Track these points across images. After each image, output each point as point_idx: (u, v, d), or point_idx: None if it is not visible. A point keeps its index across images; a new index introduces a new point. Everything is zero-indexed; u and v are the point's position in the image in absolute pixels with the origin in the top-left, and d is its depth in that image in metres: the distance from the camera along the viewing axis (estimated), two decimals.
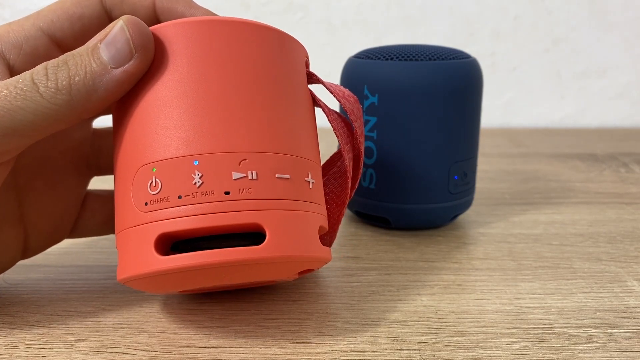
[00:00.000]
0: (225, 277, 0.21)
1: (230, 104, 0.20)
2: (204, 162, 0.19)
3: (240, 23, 0.21)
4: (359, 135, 0.24)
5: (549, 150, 0.55)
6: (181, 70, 0.20)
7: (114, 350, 0.21)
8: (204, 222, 0.19)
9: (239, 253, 0.19)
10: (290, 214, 0.20)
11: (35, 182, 0.24)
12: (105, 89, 0.19)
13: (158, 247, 0.19)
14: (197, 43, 0.20)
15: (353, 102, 0.25)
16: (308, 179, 0.21)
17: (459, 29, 0.66)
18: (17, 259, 0.24)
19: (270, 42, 0.21)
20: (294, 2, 0.65)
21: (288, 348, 0.22)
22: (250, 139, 0.20)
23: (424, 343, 0.22)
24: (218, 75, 0.20)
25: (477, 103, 0.32)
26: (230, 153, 0.19)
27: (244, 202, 0.19)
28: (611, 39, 0.66)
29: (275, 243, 0.19)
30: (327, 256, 0.22)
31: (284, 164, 0.20)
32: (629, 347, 0.22)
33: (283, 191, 0.20)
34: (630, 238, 0.33)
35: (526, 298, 0.25)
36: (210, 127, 0.19)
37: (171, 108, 0.20)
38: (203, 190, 0.19)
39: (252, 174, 0.19)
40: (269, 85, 0.20)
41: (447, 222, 0.34)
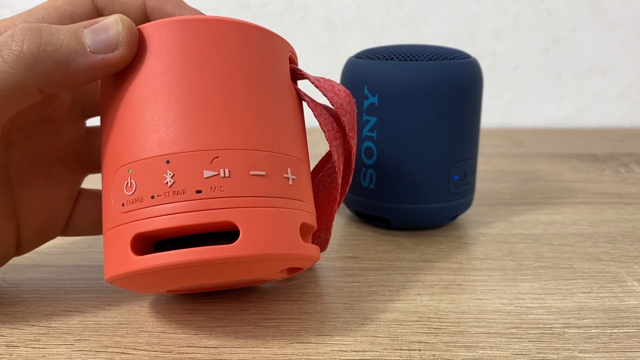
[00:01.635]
0: (205, 276, 0.20)
1: (203, 103, 0.20)
2: (176, 161, 0.19)
3: (215, 21, 0.21)
4: (348, 130, 0.24)
5: (549, 150, 0.55)
6: (155, 70, 0.20)
7: (114, 350, 0.21)
8: (176, 222, 0.19)
9: (210, 252, 0.19)
10: (266, 212, 0.20)
11: (27, 177, 0.24)
12: (76, 67, 0.19)
13: (135, 248, 0.19)
14: (171, 43, 0.20)
15: (343, 97, 0.24)
16: (287, 175, 0.21)
17: (459, 29, 0.66)
18: (10, 255, 0.24)
19: (246, 38, 0.21)
20: (294, 2, 0.65)
21: (288, 348, 0.22)
22: (222, 136, 0.19)
23: (424, 343, 0.22)
24: (191, 74, 0.20)
25: (477, 103, 0.32)
26: (201, 151, 0.19)
27: (216, 201, 0.19)
28: (611, 39, 0.66)
29: (248, 241, 0.19)
30: (313, 254, 0.21)
31: (259, 160, 0.20)
32: (629, 347, 0.22)
33: (258, 188, 0.20)
34: (630, 238, 0.33)
35: (526, 298, 0.25)
36: (182, 126, 0.19)
37: (145, 108, 0.20)
38: (175, 190, 0.19)
39: (225, 172, 0.19)
40: (244, 82, 0.20)
41: (447, 222, 0.34)
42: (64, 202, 0.26)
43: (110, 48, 0.19)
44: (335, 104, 0.24)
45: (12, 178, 0.24)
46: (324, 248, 0.27)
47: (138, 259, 0.19)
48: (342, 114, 0.24)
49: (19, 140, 0.24)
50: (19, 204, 0.24)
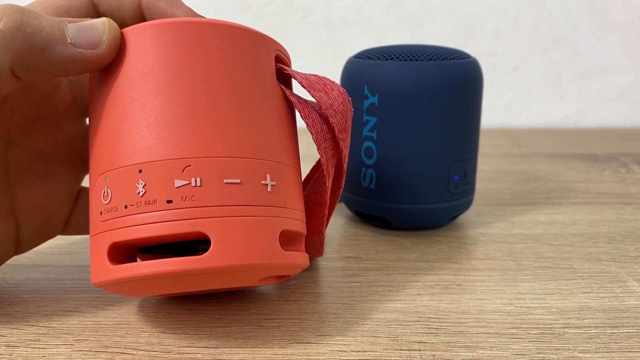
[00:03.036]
0: (182, 285, 0.20)
1: (175, 110, 0.19)
2: (148, 170, 0.19)
3: (191, 24, 0.20)
4: (338, 131, 0.23)
5: (549, 151, 0.55)
6: (131, 77, 0.20)
7: (114, 350, 0.21)
8: (147, 232, 0.19)
9: (179, 264, 0.18)
10: (240, 221, 0.19)
11: (27, 175, 0.24)
12: (53, 54, 0.19)
13: (112, 256, 0.19)
14: (146, 49, 0.20)
15: (336, 96, 0.23)
16: (266, 182, 0.20)
17: (459, 29, 0.66)
18: (10, 253, 0.24)
19: (222, 40, 0.20)
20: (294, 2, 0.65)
21: (288, 348, 0.22)
22: (195, 144, 0.19)
23: (424, 343, 0.22)
24: (164, 80, 0.19)
25: (477, 103, 0.32)
26: (173, 160, 0.19)
27: (186, 211, 0.18)
28: (611, 39, 0.66)
29: (219, 252, 0.18)
30: (296, 261, 0.21)
31: (233, 168, 0.19)
32: (629, 347, 0.22)
33: (232, 197, 0.19)
34: (630, 238, 0.33)
35: (526, 298, 0.25)
36: (155, 135, 0.19)
37: (121, 116, 0.20)
38: (146, 200, 0.19)
39: (196, 181, 0.19)
40: (219, 86, 0.20)
41: (447, 222, 0.34)
42: (64, 200, 0.26)
43: (91, 45, 0.20)
44: (324, 104, 0.23)
45: (11, 176, 0.24)
46: (320, 252, 0.27)
47: (113, 268, 0.19)
48: (332, 114, 0.23)
49: (17, 138, 0.24)
50: (18, 202, 0.24)
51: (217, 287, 0.21)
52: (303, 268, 0.22)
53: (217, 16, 0.66)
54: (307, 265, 0.23)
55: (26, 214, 0.24)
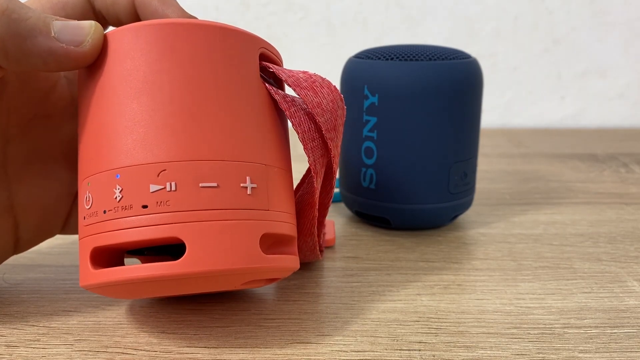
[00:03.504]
0: (163, 289, 0.20)
1: (151, 113, 0.19)
2: (124, 175, 0.19)
3: (168, 25, 0.20)
4: (325, 130, 0.22)
5: (549, 151, 0.55)
6: (112, 81, 0.20)
7: (114, 350, 0.21)
8: (123, 238, 0.19)
9: (155, 269, 0.18)
10: (217, 225, 0.19)
11: (25, 173, 0.24)
12: (35, 45, 0.19)
13: (94, 260, 0.20)
14: (124, 53, 0.20)
15: (325, 94, 0.23)
16: (246, 184, 0.20)
17: (459, 29, 0.66)
18: (9, 252, 0.24)
19: (200, 41, 0.20)
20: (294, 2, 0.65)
21: (288, 348, 0.22)
22: (170, 148, 0.19)
23: (424, 343, 0.22)
24: (141, 84, 0.19)
25: (477, 103, 0.32)
26: (148, 165, 0.19)
27: (161, 216, 0.18)
28: (611, 39, 0.66)
29: (194, 258, 0.18)
30: (280, 264, 0.21)
31: (210, 171, 0.19)
32: (629, 347, 0.22)
33: (208, 201, 0.19)
34: (630, 238, 0.33)
35: (526, 298, 0.25)
36: (132, 139, 0.19)
37: (101, 121, 0.20)
38: (123, 205, 0.19)
39: (171, 185, 0.19)
40: (195, 88, 0.19)
41: (447, 222, 0.34)
42: (63, 199, 0.26)
43: (75, 42, 0.20)
44: (310, 102, 0.22)
45: (10, 174, 0.24)
46: (315, 255, 0.26)
47: (94, 272, 0.19)
48: (319, 113, 0.22)
49: (16, 136, 0.24)
50: (16, 200, 0.24)
51: (201, 291, 0.21)
52: (293, 271, 0.22)
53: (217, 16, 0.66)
54: (297, 268, 0.22)
55: (25, 212, 0.24)
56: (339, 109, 0.23)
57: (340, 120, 0.24)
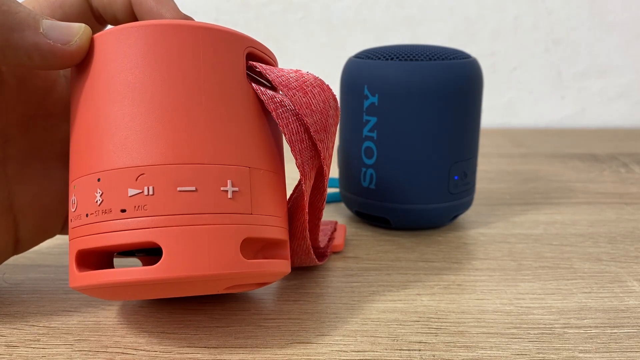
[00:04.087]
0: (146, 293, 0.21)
1: (132, 117, 0.19)
2: (105, 179, 0.19)
3: (149, 27, 0.20)
4: (314, 132, 0.22)
5: (549, 151, 0.55)
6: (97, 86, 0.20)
7: (114, 350, 0.21)
8: (101, 242, 0.19)
9: (131, 274, 0.18)
10: (194, 230, 0.18)
11: (24, 172, 0.24)
12: (21, 38, 0.19)
13: (79, 263, 0.20)
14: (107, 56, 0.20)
15: (316, 94, 0.22)
16: (226, 188, 0.19)
17: (459, 29, 0.66)
18: (9, 252, 0.24)
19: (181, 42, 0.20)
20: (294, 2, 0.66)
21: (288, 348, 0.22)
22: (149, 152, 0.19)
23: (424, 343, 0.22)
24: (123, 87, 0.19)
25: (477, 103, 0.32)
26: (127, 169, 0.19)
27: (138, 220, 0.18)
28: (611, 39, 0.66)
29: (170, 263, 0.18)
30: (267, 269, 0.20)
31: (188, 175, 0.19)
32: (629, 347, 0.22)
33: (185, 205, 0.18)
34: (630, 238, 0.33)
35: (526, 298, 0.25)
36: (112, 143, 0.19)
37: (85, 124, 0.20)
38: (103, 209, 0.19)
39: (149, 190, 0.18)
40: (175, 91, 0.19)
41: (447, 222, 0.34)
42: (62, 199, 0.26)
43: (61, 41, 0.20)
44: (297, 102, 0.21)
45: (9, 174, 0.24)
46: (309, 259, 0.26)
47: (77, 275, 0.20)
48: (307, 113, 0.21)
49: (15, 136, 0.24)
50: (16, 200, 0.24)
51: (184, 295, 0.21)
52: (282, 275, 0.22)
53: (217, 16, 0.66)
54: (288, 272, 0.22)
55: (24, 212, 0.24)
56: (330, 109, 0.23)
57: (332, 121, 0.23)
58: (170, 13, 0.22)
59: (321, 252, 0.28)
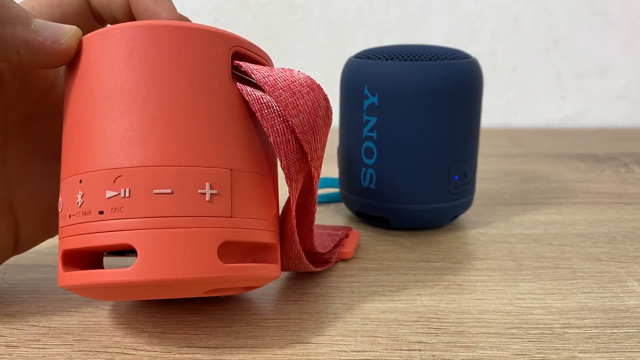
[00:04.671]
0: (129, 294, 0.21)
1: (112, 119, 0.19)
2: (85, 181, 0.19)
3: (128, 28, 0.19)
4: (299, 132, 0.21)
5: (549, 151, 0.55)
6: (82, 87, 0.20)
7: (114, 350, 0.21)
8: (82, 243, 0.19)
9: (106, 276, 0.18)
10: (169, 233, 0.18)
11: (24, 172, 0.24)
12: (12, 33, 0.19)
13: (65, 262, 0.20)
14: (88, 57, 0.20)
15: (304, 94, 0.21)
16: (204, 190, 0.19)
17: (459, 29, 0.66)
18: (9, 252, 0.25)
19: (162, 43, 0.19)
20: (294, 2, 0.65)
21: (288, 348, 0.22)
22: (127, 154, 0.19)
23: (424, 343, 0.22)
24: (105, 88, 0.19)
25: (477, 103, 0.32)
26: (106, 170, 0.19)
27: (115, 222, 0.18)
28: (611, 39, 0.66)
29: (144, 266, 0.18)
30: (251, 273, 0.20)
31: (165, 177, 0.19)
32: (629, 347, 0.22)
33: (161, 208, 0.18)
34: (630, 238, 0.33)
35: (526, 298, 0.25)
36: (93, 144, 0.19)
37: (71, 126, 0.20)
38: (83, 210, 0.19)
39: (125, 192, 0.18)
40: (154, 92, 0.19)
41: (447, 222, 0.34)
42: None
43: (52, 38, 0.20)
44: (282, 102, 0.21)
45: (9, 173, 0.24)
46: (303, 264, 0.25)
47: (62, 275, 0.20)
48: (292, 114, 0.21)
49: (15, 135, 0.24)
50: (16, 199, 0.24)
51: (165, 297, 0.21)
52: (271, 279, 0.22)
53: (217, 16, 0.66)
54: (277, 277, 0.22)
55: (25, 211, 0.24)
56: (320, 109, 0.22)
57: (322, 121, 0.22)
58: (167, 13, 0.22)
59: (322, 259, 0.28)
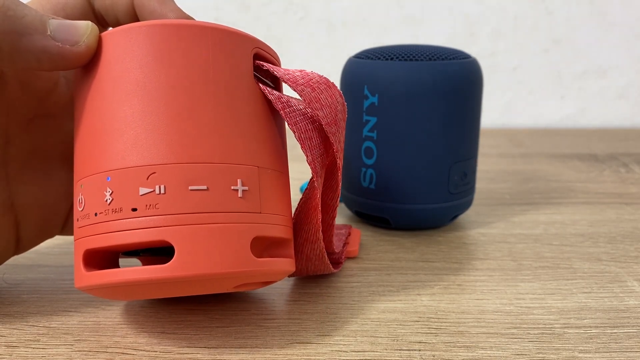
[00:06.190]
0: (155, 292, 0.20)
1: (141, 116, 0.19)
2: (115, 178, 0.19)
3: (160, 26, 0.19)
4: (325, 124, 0.22)
5: (549, 150, 0.55)
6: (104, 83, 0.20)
7: (114, 350, 0.21)
8: (114, 240, 0.19)
9: (143, 272, 0.18)
10: (206, 228, 0.19)
11: (25, 172, 0.24)
12: (30, 43, 0.19)
13: (87, 262, 0.20)
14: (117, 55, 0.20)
15: (323, 89, 0.22)
16: (236, 187, 0.19)
17: (459, 29, 0.66)
18: (10, 251, 0.25)
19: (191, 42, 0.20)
20: (294, 2, 0.65)
21: (288, 348, 0.22)
22: (160, 151, 0.19)
23: (424, 343, 0.22)
24: (132, 87, 0.19)
25: (477, 103, 0.32)
26: (138, 167, 0.19)
27: (150, 219, 0.18)
28: (611, 39, 0.66)
29: (182, 262, 0.18)
30: (274, 268, 0.20)
31: (200, 174, 0.19)
32: (629, 347, 0.22)
33: (197, 204, 0.19)
34: (630, 238, 0.33)
35: (526, 298, 0.25)
36: (122, 142, 0.19)
37: (94, 123, 0.20)
38: (113, 208, 0.19)
39: (160, 188, 0.18)
40: (185, 90, 0.19)
41: (447, 222, 0.34)
42: (63, 199, 0.26)
43: (70, 42, 0.20)
44: (307, 96, 0.22)
45: (10, 173, 0.24)
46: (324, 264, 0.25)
47: (86, 275, 0.20)
48: (317, 107, 0.22)
49: (16, 136, 0.24)
50: (17, 200, 0.24)
51: (192, 293, 0.21)
52: (287, 274, 0.22)
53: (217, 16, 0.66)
54: (292, 271, 0.22)
55: (25, 211, 0.24)
56: (338, 104, 0.23)
57: (341, 116, 0.23)
58: (174, 13, 0.22)
59: (336, 259, 0.28)
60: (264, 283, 0.23)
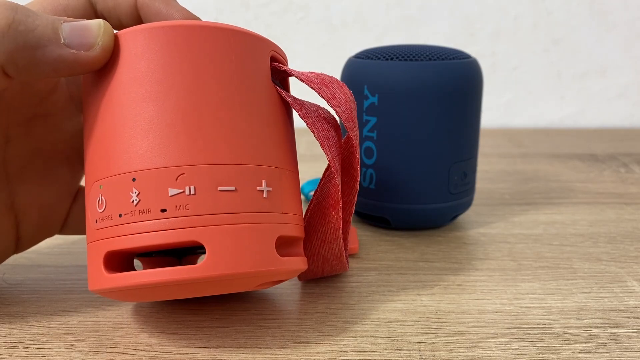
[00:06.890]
0: (178, 292, 0.20)
1: (169, 116, 0.19)
2: (141, 179, 0.19)
3: (182, 27, 0.20)
4: (345, 119, 0.22)
5: (549, 150, 0.55)
6: (125, 82, 0.20)
7: (114, 350, 0.21)
8: (142, 241, 0.19)
9: (174, 273, 0.18)
10: (235, 228, 0.19)
11: (26, 172, 0.24)
12: (45, 54, 0.19)
13: (108, 264, 0.20)
14: (138, 54, 0.19)
15: (336, 88, 0.23)
16: (262, 187, 0.20)
17: (459, 29, 0.66)
18: (10, 251, 0.25)
19: (213, 44, 0.20)
20: (294, 2, 0.65)
21: (288, 348, 0.22)
22: (188, 151, 0.19)
23: (424, 343, 0.22)
24: (157, 86, 0.19)
25: (477, 103, 0.32)
26: (167, 168, 0.19)
27: (181, 220, 0.18)
28: (611, 39, 0.66)
29: (214, 261, 0.18)
30: (292, 267, 0.21)
31: (228, 175, 0.19)
32: (629, 347, 0.22)
33: (226, 205, 0.19)
34: (630, 238, 0.33)
35: (526, 298, 0.25)
36: (149, 142, 0.19)
37: (115, 122, 0.20)
38: (140, 209, 0.19)
39: (190, 189, 0.19)
40: (211, 92, 0.19)
41: (447, 222, 0.34)
42: (63, 198, 0.26)
43: (85, 47, 0.19)
44: (325, 95, 0.22)
45: (10, 173, 0.24)
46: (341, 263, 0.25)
47: (109, 277, 0.19)
48: (335, 104, 0.22)
49: (16, 136, 0.24)
50: (17, 199, 0.24)
51: (214, 293, 0.21)
52: (300, 272, 0.22)
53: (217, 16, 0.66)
54: (305, 269, 0.22)
55: (25, 211, 0.24)
56: (351, 102, 0.24)
57: (355, 114, 0.24)
58: (180, 14, 0.22)
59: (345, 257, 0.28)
60: (276, 281, 0.23)
